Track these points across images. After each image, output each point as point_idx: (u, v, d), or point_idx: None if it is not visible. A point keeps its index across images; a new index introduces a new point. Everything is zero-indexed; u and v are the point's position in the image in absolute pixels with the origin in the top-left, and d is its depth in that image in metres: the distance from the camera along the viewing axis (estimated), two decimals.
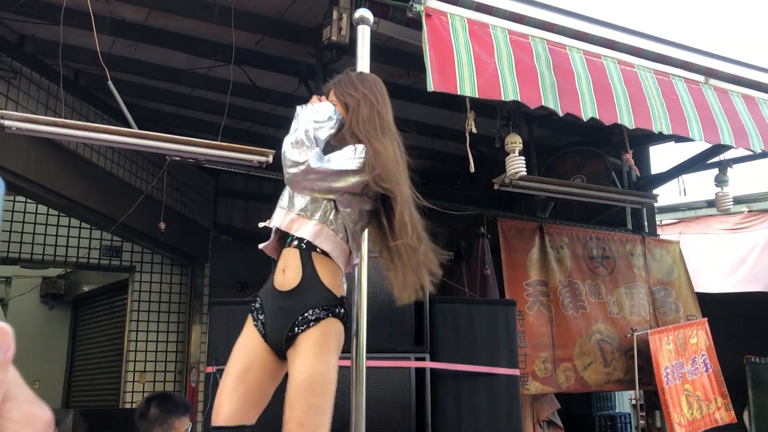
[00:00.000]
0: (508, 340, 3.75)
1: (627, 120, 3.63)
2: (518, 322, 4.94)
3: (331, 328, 2.06)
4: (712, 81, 4.17)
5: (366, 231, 2.41)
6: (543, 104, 3.38)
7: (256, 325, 2.17)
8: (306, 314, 2.06)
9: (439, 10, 3.32)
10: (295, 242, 2.12)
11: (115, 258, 7.48)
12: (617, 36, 3.91)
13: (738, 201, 7.16)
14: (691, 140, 3.91)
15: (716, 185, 5.32)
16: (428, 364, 3.51)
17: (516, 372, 3.74)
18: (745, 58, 4.39)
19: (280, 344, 2.08)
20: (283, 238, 2.19)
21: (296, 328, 2.05)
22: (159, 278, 7.48)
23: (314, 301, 2.07)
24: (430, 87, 3.10)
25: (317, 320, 2.05)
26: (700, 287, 6.99)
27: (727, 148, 4.13)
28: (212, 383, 3.52)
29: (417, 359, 3.50)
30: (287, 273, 2.10)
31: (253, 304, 2.22)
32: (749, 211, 7.73)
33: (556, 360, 5.36)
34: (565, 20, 3.74)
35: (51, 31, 4.43)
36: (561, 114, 3.45)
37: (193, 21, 4.45)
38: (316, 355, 2.02)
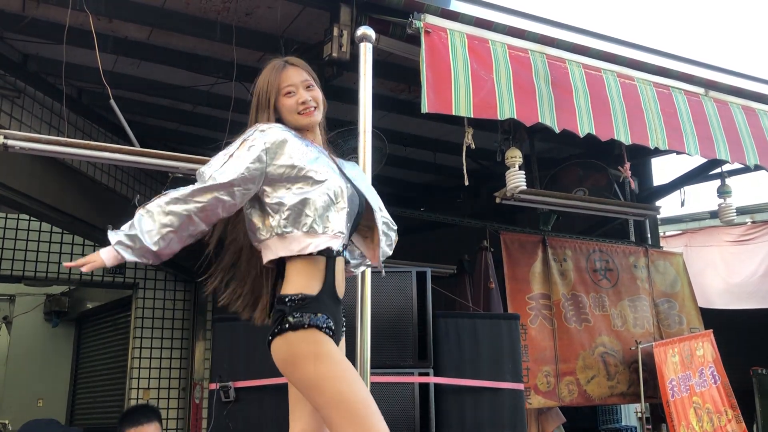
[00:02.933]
0: (511, 354, 3.73)
1: (623, 135, 3.65)
2: (521, 336, 4.93)
3: None
4: (712, 93, 4.19)
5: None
6: (540, 121, 3.40)
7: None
8: (345, 316, 2.20)
9: (438, 26, 3.34)
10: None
11: (119, 275, 7.48)
12: (617, 49, 3.93)
13: (741, 212, 7.15)
14: (688, 155, 3.93)
15: (719, 196, 5.32)
16: (432, 380, 3.50)
17: (520, 386, 3.73)
18: (746, 70, 4.41)
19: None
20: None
21: (342, 331, 2.19)
22: (162, 294, 7.48)
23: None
24: (425, 108, 3.11)
25: None
26: (707, 304, 6.97)
27: (726, 161, 4.15)
28: (216, 400, 3.51)
29: (421, 374, 3.49)
30: (343, 279, 2.15)
31: (325, 324, 1.99)
32: (753, 222, 7.72)
33: (558, 374, 5.34)
34: (565, 34, 3.76)
35: (54, 51, 4.46)
36: (557, 131, 3.47)
37: (195, 39, 4.48)
38: None
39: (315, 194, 1.99)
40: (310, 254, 1.99)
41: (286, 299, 1.97)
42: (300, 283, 1.99)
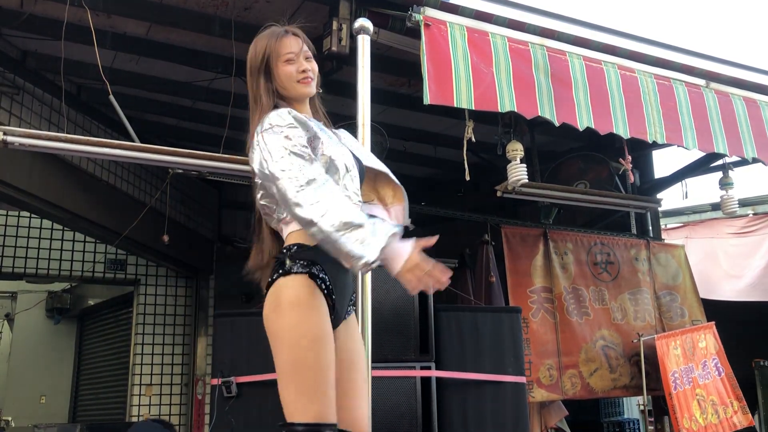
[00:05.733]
0: (513, 348, 3.73)
1: (622, 129, 3.65)
2: (522, 329, 4.92)
3: None
4: (714, 84, 4.17)
5: None
6: (539, 114, 3.40)
7: (330, 302, 1.92)
8: (354, 294, 2.14)
9: (438, 19, 3.33)
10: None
11: (120, 271, 7.48)
12: (618, 41, 3.92)
13: (742, 204, 7.13)
14: (686, 149, 3.92)
15: (721, 188, 5.31)
16: (434, 373, 3.50)
17: (522, 379, 3.72)
18: (747, 61, 4.40)
19: (337, 322, 1.99)
20: None
21: (351, 306, 2.11)
22: (164, 291, 7.48)
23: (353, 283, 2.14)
24: (427, 100, 3.11)
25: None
26: (710, 295, 6.96)
27: (724, 154, 4.15)
28: (218, 395, 3.51)
29: (422, 368, 3.49)
30: None
31: (314, 272, 1.88)
32: (754, 214, 7.71)
33: (561, 367, 5.33)
34: (566, 27, 3.75)
35: (53, 47, 4.46)
36: (557, 124, 3.47)
37: (194, 34, 4.47)
38: None
39: (333, 165, 1.96)
40: None
41: (284, 249, 1.93)
42: (299, 235, 1.92)
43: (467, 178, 3.66)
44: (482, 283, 5.71)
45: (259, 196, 2.03)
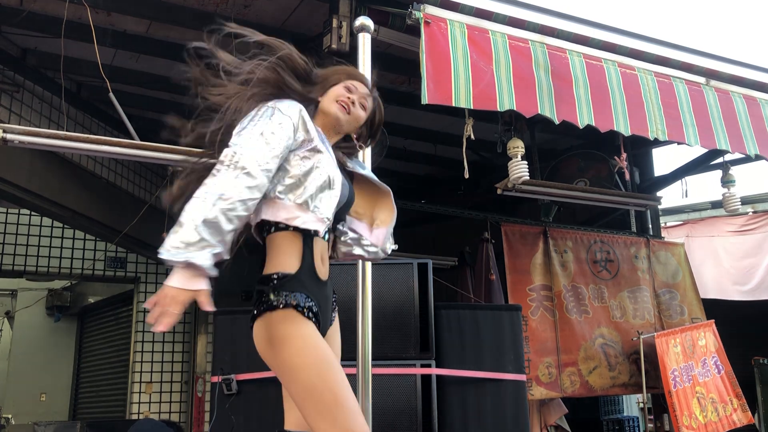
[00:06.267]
0: (513, 346, 3.73)
1: (623, 127, 3.64)
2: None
3: None
4: (714, 82, 4.17)
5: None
6: (539, 112, 3.39)
7: (315, 325, 1.93)
8: (334, 302, 2.13)
9: (438, 16, 3.33)
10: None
11: (120, 269, 7.49)
12: (618, 39, 3.91)
13: (742, 201, 7.14)
14: (688, 145, 3.92)
15: (723, 186, 5.31)
16: (434, 371, 3.50)
17: (522, 377, 3.73)
18: (747, 59, 4.39)
19: (322, 334, 2.00)
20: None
21: (333, 313, 2.12)
22: None
23: (332, 292, 2.13)
24: (425, 100, 3.10)
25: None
26: (714, 295, 6.96)
27: (726, 150, 4.15)
28: (218, 393, 3.52)
29: (422, 366, 3.49)
30: (325, 263, 2.03)
31: (300, 304, 1.89)
32: (754, 212, 7.71)
33: (560, 365, 5.34)
34: (566, 24, 3.74)
35: (53, 45, 4.45)
36: (557, 122, 3.46)
37: (194, 32, 4.46)
38: None
39: (317, 172, 1.96)
40: (293, 230, 1.92)
41: (266, 279, 1.92)
42: (279, 261, 1.92)
43: (467, 175, 3.66)
44: (482, 280, 5.71)
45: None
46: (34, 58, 4.88)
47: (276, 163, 1.88)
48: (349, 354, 2.50)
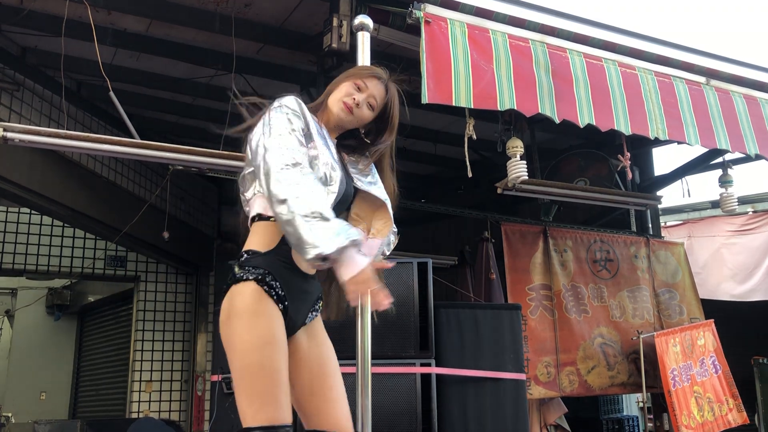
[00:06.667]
0: (513, 345, 3.74)
1: (624, 126, 3.64)
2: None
3: None
4: (714, 82, 4.17)
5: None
6: (540, 112, 3.39)
7: (283, 307, 1.90)
8: (319, 300, 2.09)
9: (438, 15, 3.33)
10: None
11: (120, 268, 7.49)
12: (618, 38, 3.91)
13: (742, 201, 7.13)
14: (688, 145, 3.92)
15: (720, 186, 5.31)
16: (434, 370, 3.50)
17: (522, 376, 3.73)
18: (747, 58, 4.39)
19: (293, 329, 2.00)
20: None
21: (313, 312, 2.07)
22: (164, 287, 7.49)
23: (320, 289, 2.10)
24: (425, 99, 3.10)
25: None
26: (708, 294, 6.96)
27: (726, 150, 4.15)
28: (218, 392, 3.52)
29: (422, 365, 3.49)
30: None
31: (265, 279, 1.86)
32: (754, 212, 7.71)
33: (559, 364, 5.34)
34: (566, 23, 3.74)
35: (53, 43, 4.45)
36: (557, 121, 3.46)
37: (194, 30, 4.47)
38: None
39: (315, 165, 1.95)
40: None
41: (238, 256, 1.94)
42: (252, 241, 1.95)
43: (470, 175, 3.66)
44: (482, 280, 5.71)
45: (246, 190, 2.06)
46: (35, 57, 4.88)
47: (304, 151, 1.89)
48: (348, 353, 2.50)
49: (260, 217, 1.97)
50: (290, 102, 1.97)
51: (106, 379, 8.44)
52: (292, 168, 1.79)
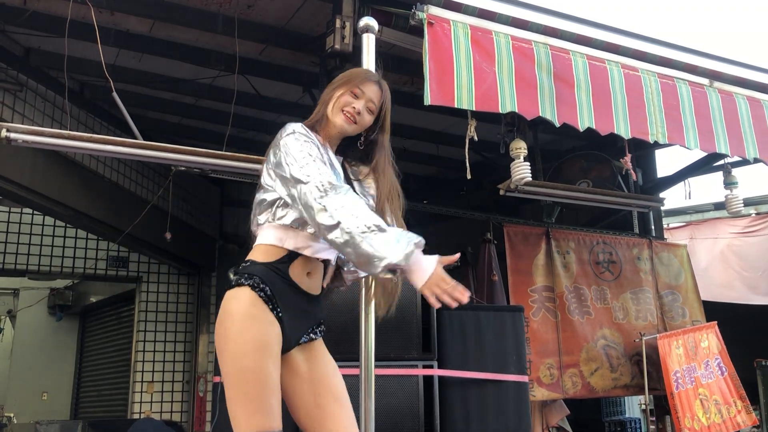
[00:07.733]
0: (516, 347, 3.73)
1: (623, 129, 3.64)
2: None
3: None
4: (717, 84, 4.16)
5: None
6: (540, 115, 3.39)
7: (277, 316, 1.90)
8: (322, 324, 2.08)
9: (441, 17, 3.32)
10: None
11: (122, 268, 7.50)
12: (621, 40, 3.90)
13: (745, 203, 7.12)
14: (687, 149, 3.91)
15: (725, 187, 5.29)
16: (436, 372, 3.50)
17: (525, 378, 3.73)
18: (751, 60, 4.38)
19: (288, 343, 1.98)
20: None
21: (312, 334, 2.05)
22: (166, 288, 7.49)
23: (324, 313, 2.08)
24: (428, 101, 3.10)
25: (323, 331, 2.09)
26: (711, 296, 6.94)
27: (725, 154, 4.14)
28: (220, 393, 3.51)
29: (425, 367, 3.49)
30: (313, 277, 2.01)
31: (260, 285, 1.88)
32: (757, 214, 7.70)
33: (562, 366, 5.33)
34: (569, 25, 3.73)
35: (56, 44, 4.45)
36: (558, 125, 3.46)
37: (197, 31, 4.47)
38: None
39: None
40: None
41: (238, 266, 1.96)
42: (253, 254, 1.97)
43: (469, 176, 3.65)
44: (484, 281, 5.70)
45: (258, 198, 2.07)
46: (38, 58, 4.88)
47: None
48: (351, 355, 2.49)
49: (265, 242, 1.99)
50: (300, 128, 1.99)
51: (108, 380, 8.45)
52: (331, 192, 1.80)
